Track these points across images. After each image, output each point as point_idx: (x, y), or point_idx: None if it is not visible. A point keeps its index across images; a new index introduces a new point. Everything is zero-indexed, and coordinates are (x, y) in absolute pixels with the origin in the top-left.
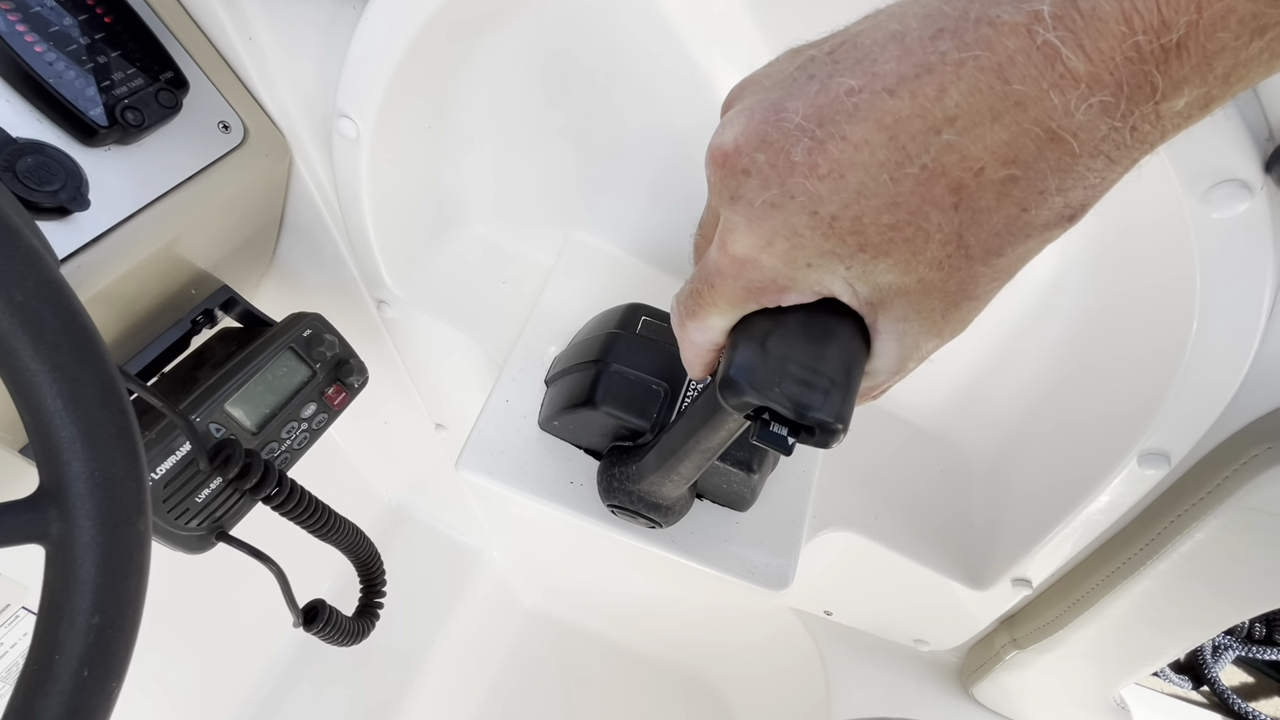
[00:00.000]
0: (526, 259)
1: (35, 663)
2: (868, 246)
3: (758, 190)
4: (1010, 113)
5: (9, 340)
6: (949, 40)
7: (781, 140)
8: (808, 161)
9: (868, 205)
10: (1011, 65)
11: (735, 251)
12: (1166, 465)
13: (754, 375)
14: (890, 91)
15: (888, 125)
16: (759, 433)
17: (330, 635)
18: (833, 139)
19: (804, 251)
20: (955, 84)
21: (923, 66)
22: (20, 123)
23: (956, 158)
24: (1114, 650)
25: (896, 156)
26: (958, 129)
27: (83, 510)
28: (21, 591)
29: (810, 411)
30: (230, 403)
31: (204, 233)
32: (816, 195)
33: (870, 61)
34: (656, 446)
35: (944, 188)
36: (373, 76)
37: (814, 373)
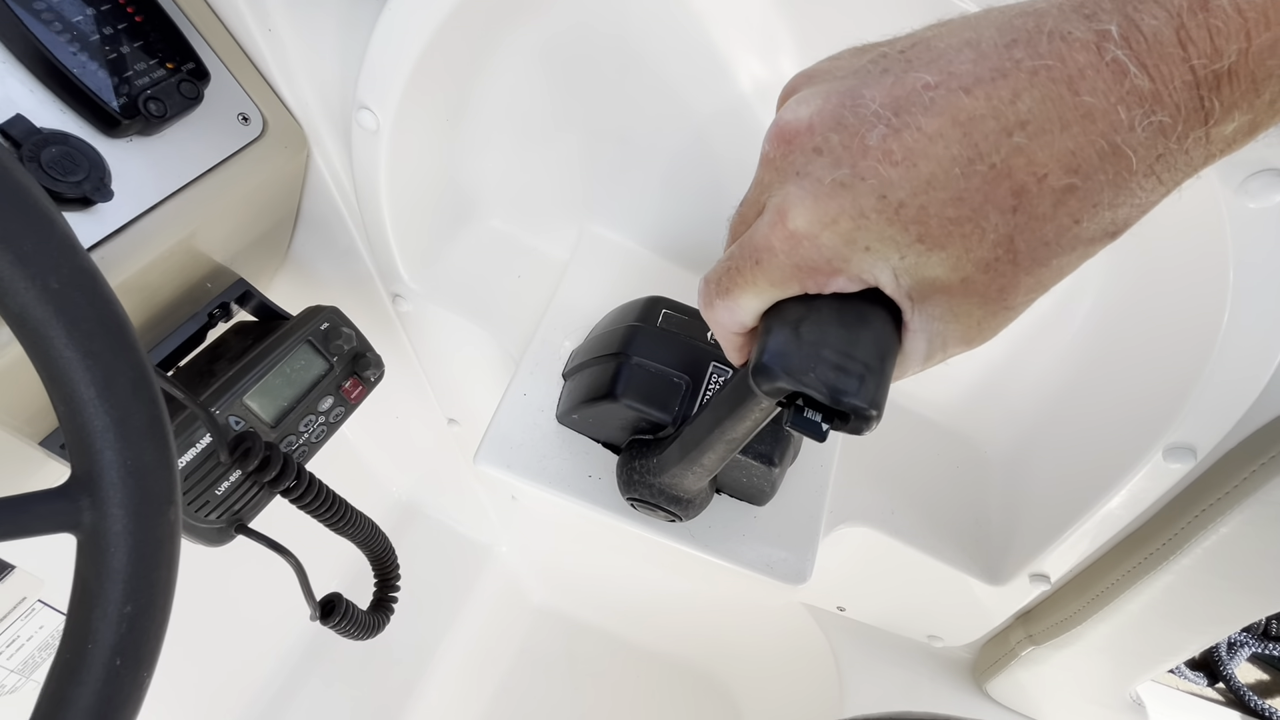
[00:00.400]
0: (541, 253)
1: (68, 651)
2: (926, 237)
3: (828, 168)
4: (1079, 123)
5: (44, 328)
6: (1023, 49)
7: (857, 124)
8: (882, 146)
9: (935, 196)
10: (1082, 78)
11: (794, 226)
12: (1192, 459)
13: (788, 360)
14: (966, 90)
15: (962, 121)
16: (792, 419)
17: (346, 629)
18: (908, 128)
19: (866, 234)
20: (1029, 90)
21: (998, 70)
22: (44, 113)
23: (1024, 161)
24: (1132, 646)
25: (969, 153)
26: (1028, 133)
27: (115, 499)
28: (38, 585)
29: (846, 397)
30: (249, 396)
31: (222, 225)
32: (888, 180)
33: (946, 61)
34: (679, 438)
35: (1007, 189)
36: (395, 68)
37: (849, 358)
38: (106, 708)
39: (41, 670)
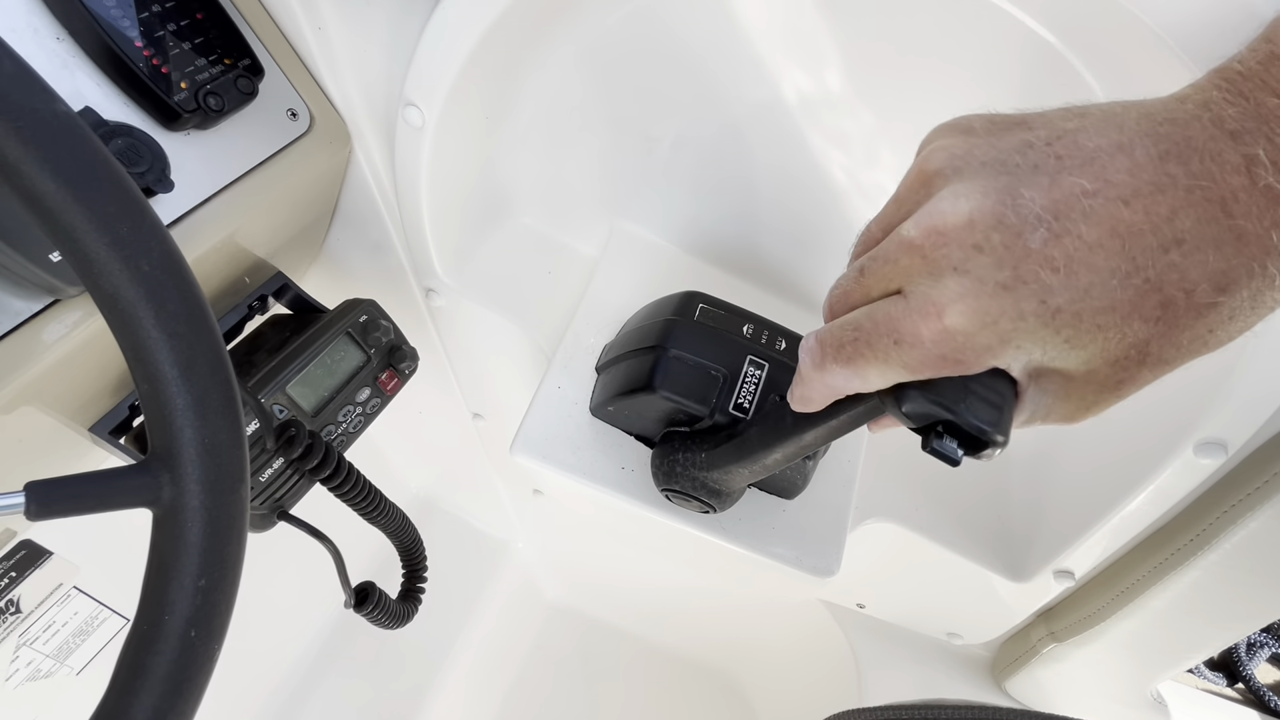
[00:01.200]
0: (572, 250)
1: (145, 622)
2: (1074, 340)
3: (990, 269)
4: (1232, 245)
5: (134, 309)
6: (1176, 165)
7: (1019, 225)
8: (1043, 252)
9: (1090, 304)
10: (1235, 201)
11: (951, 323)
12: (1224, 454)
13: (936, 387)
14: (1125, 202)
15: (1121, 234)
16: (932, 445)
17: (378, 617)
18: (1069, 235)
19: (1020, 335)
20: (1186, 209)
21: (1155, 185)
22: (110, 106)
23: (1177, 277)
24: (1156, 643)
25: (1126, 265)
26: (1184, 251)
27: (193, 476)
28: (74, 571)
29: (989, 428)
30: (291, 385)
31: (267, 219)
32: (1049, 285)
33: (1100, 167)
34: (742, 437)
35: (1156, 301)
36: (444, 66)
37: (993, 391)
38: (182, 676)
39: (76, 655)
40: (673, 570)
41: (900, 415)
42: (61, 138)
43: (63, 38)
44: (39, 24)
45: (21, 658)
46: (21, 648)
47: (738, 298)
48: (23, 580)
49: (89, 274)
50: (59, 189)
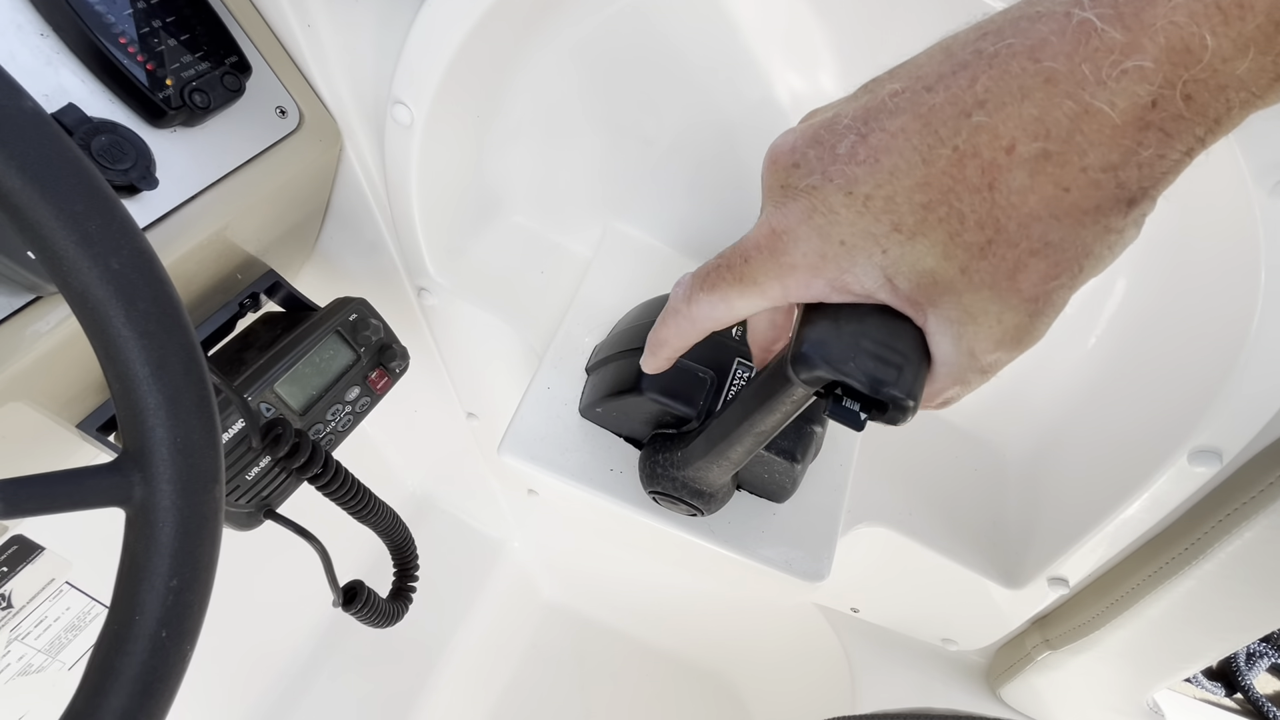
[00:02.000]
0: (565, 249)
1: (116, 622)
2: (902, 226)
3: (803, 177)
4: (1040, 89)
5: (104, 307)
6: (990, 39)
7: (830, 138)
8: (849, 152)
9: (900, 184)
10: (1044, 46)
11: (774, 225)
12: (1218, 463)
13: (829, 349)
14: (929, 88)
15: (923, 114)
16: (831, 408)
17: (367, 616)
18: (874, 132)
19: (838, 227)
20: (987, 72)
21: (960, 64)
22: (94, 102)
23: (987, 137)
24: (1151, 652)
25: (929, 140)
26: (987, 110)
27: (165, 475)
28: (66, 567)
29: (885, 387)
30: (279, 384)
31: (256, 216)
32: (852, 177)
33: (915, 67)
34: (706, 431)
35: (976, 168)
36: (431, 64)
37: (888, 349)
38: (152, 677)
39: (67, 651)
40: (668, 571)
41: (798, 381)
42: (28, 134)
43: (47, 34)
44: (23, 20)
45: (13, 652)
46: (13, 642)
47: None
48: (14, 575)
49: (58, 272)
50: (25, 186)
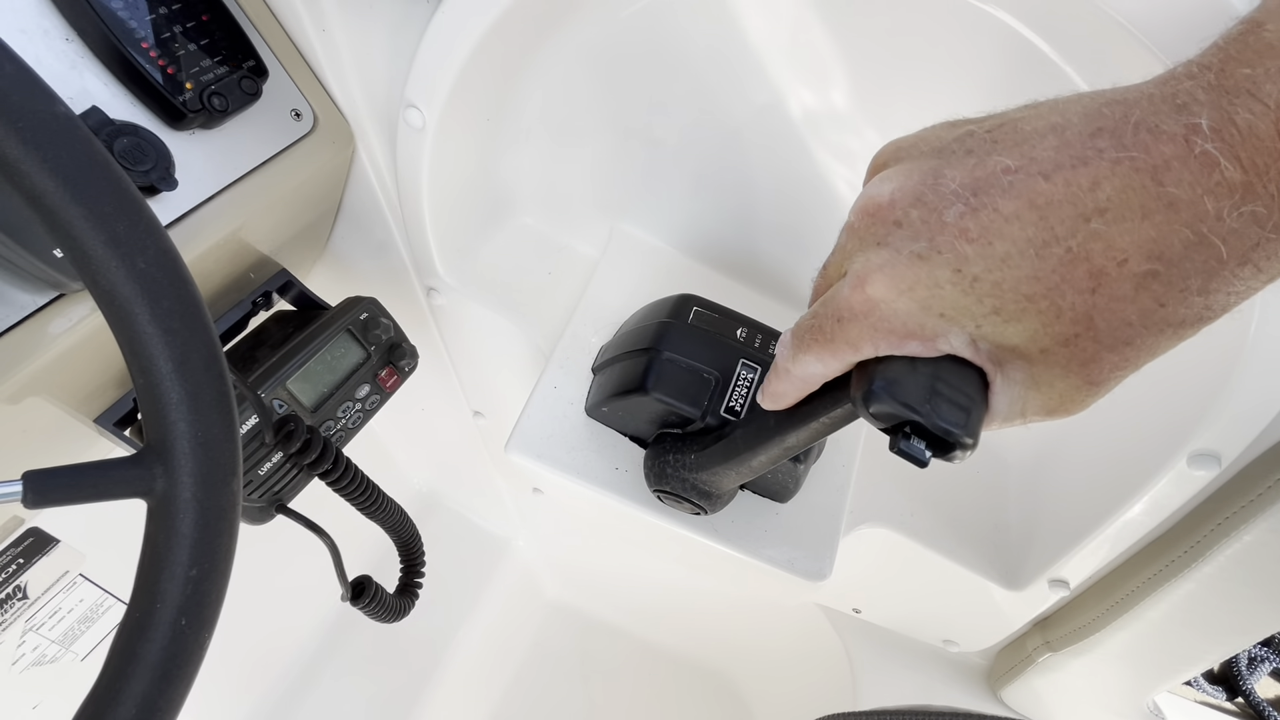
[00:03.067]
0: (572, 250)
1: (137, 610)
2: (1002, 310)
3: (907, 241)
4: (1161, 212)
5: (130, 305)
6: (1107, 139)
7: (936, 201)
8: (959, 224)
9: (1009, 274)
10: (1167, 170)
11: (871, 292)
12: (1217, 466)
13: (905, 390)
14: (1045, 176)
15: (1039, 205)
16: (899, 445)
17: (374, 611)
18: (985, 208)
19: (940, 302)
20: (1109, 179)
21: (1079, 158)
22: (116, 105)
23: (1102, 246)
24: (1151, 654)
25: (1044, 235)
26: (1106, 220)
27: (186, 468)
28: (80, 559)
29: (956, 430)
30: (292, 381)
31: (270, 216)
32: (963, 255)
33: (1029, 146)
34: (728, 439)
35: (1085, 272)
36: (444, 68)
37: (960, 393)
38: (171, 664)
39: (80, 642)
40: (671, 571)
41: (868, 416)
42: (60, 138)
43: (72, 39)
44: (49, 25)
45: (28, 643)
46: (28, 633)
47: (737, 301)
48: (30, 567)
49: (87, 270)
50: (58, 188)
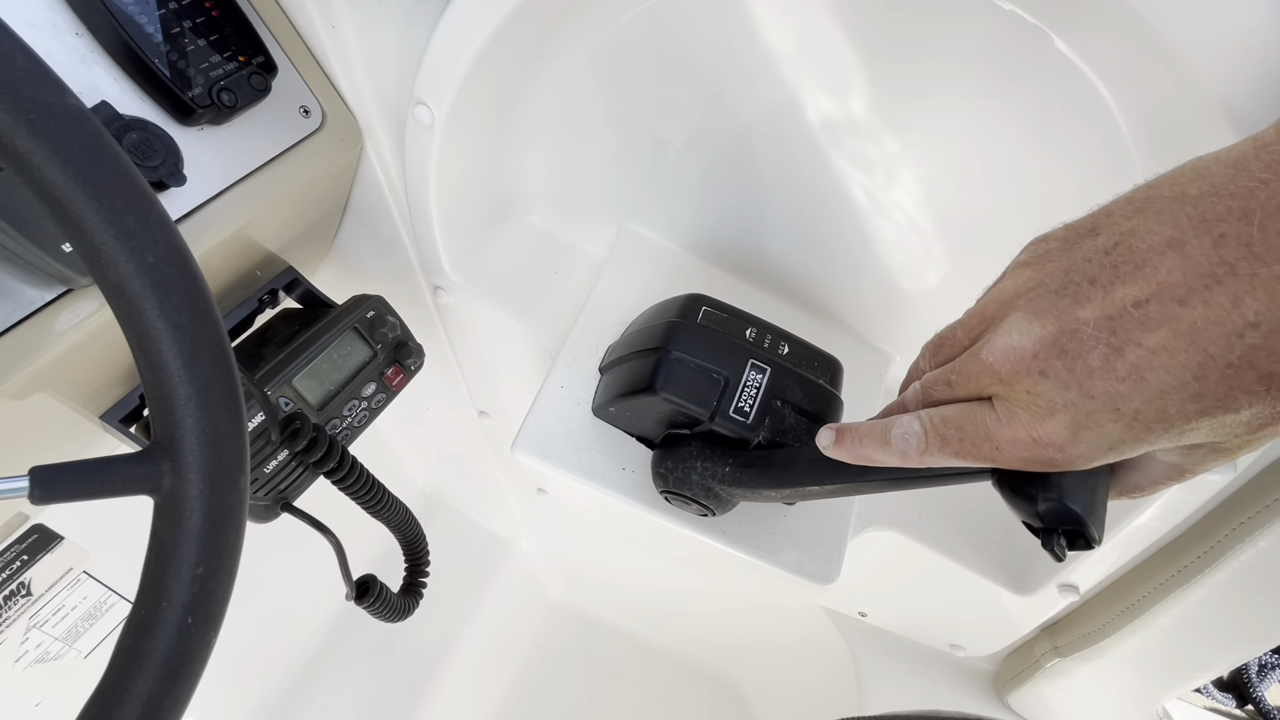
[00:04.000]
0: (579, 250)
1: (143, 607)
2: (1173, 427)
3: (1058, 391)
4: None
5: (139, 300)
6: (1233, 249)
7: (1076, 348)
8: (1104, 366)
9: (1172, 400)
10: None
11: (1034, 434)
12: (1232, 471)
13: (1092, 512)
14: (1181, 301)
15: (1184, 332)
16: (1051, 544)
17: (379, 610)
18: (1129, 345)
19: (1108, 440)
20: (1251, 294)
21: (1211, 278)
22: (126, 100)
23: (1265, 354)
24: (1162, 661)
25: (1198, 359)
26: (1262, 333)
27: (193, 465)
28: (84, 556)
29: (1100, 537)
30: (298, 379)
31: (278, 214)
32: (1118, 394)
33: (1151, 269)
34: (787, 468)
35: (1253, 377)
36: (453, 66)
37: (1104, 506)
38: (178, 662)
39: (84, 639)
40: (675, 572)
41: (1032, 513)
42: (71, 131)
43: (82, 33)
44: (59, 19)
45: (31, 639)
46: (31, 630)
47: (746, 301)
48: (34, 564)
49: (96, 264)
50: (68, 181)
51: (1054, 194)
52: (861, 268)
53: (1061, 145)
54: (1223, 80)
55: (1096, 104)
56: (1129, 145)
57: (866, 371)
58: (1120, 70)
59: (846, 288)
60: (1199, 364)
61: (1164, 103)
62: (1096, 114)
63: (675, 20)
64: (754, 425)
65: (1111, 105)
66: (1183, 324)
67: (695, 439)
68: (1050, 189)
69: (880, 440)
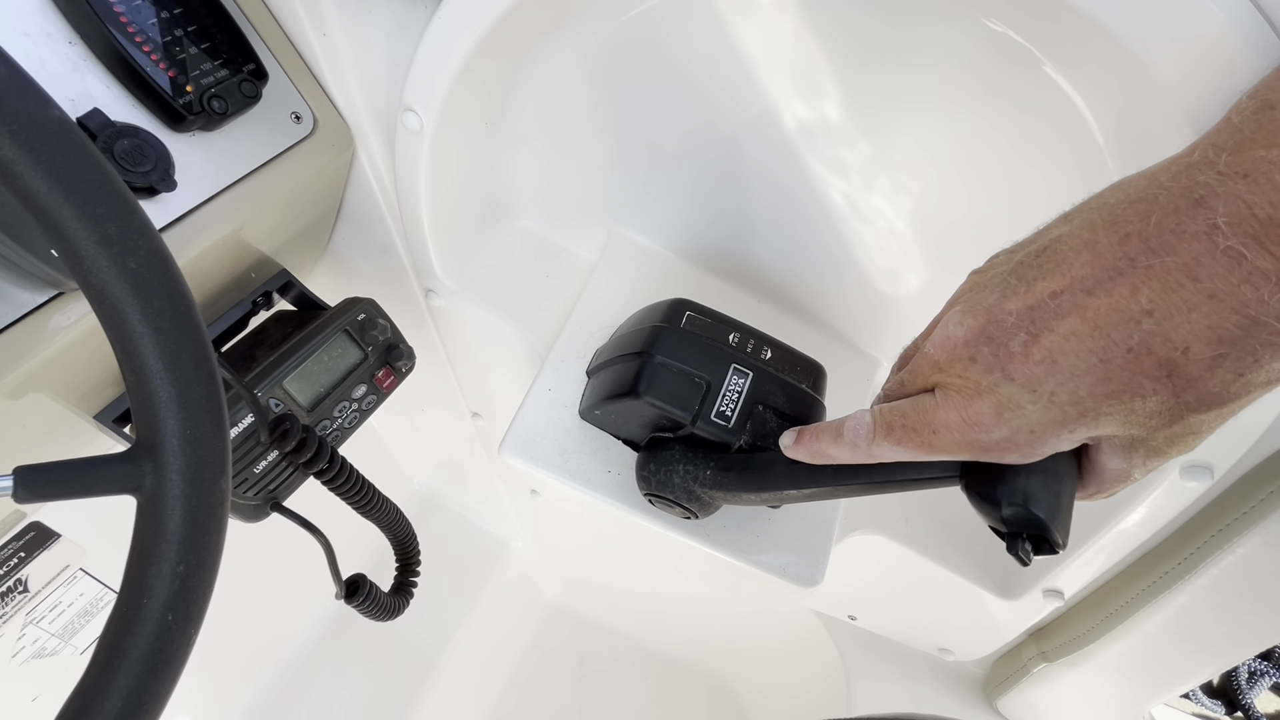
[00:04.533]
0: (570, 254)
1: (125, 604)
2: (1087, 413)
3: (983, 374)
4: (1205, 304)
5: (121, 304)
6: (1136, 245)
7: (1000, 335)
8: (1023, 351)
9: (1082, 382)
10: (1198, 266)
11: (964, 415)
12: (1210, 478)
13: (1045, 508)
14: (1088, 291)
15: (1090, 319)
16: (1016, 548)
17: (368, 609)
18: (1044, 332)
19: (1026, 420)
20: (1146, 284)
21: (1114, 270)
22: (117, 107)
23: (1160, 340)
24: (1147, 666)
25: (1103, 343)
26: (1156, 319)
27: (174, 466)
28: (81, 554)
29: (1064, 541)
30: (288, 380)
31: (270, 218)
32: (1034, 376)
33: (1068, 265)
34: (766, 472)
35: (1153, 363)
36: (440, 72)
37: (1068, 512)
38: (158, 658)
39: (80, 635)
40: (669, 575)
41: (997, 517)
42: (54, 141)
43: (75, 42)
44: (52, 28)
45: (28, 635)
46: (28, 626)
47: (734, 307)
48: (31, 561)
49: (79, 270)
50: (51, 189)
51: (1032, 200)
52: (847, 273)
53: (1039, 153)
54: (1187, 91)
55: (1072, 115)
56: (1105, 155)
57: (852, 375)
58: (1094, 84)
59: (833, 293)
60: (1104, 348)
61: (1137, 114)
62: (1072, 124)
63: (665, 26)
64: (735, 429)
65: (1087, 116)
66: (1089, 311)
67: (678, 442)
68: (1028, 195)
69: (834, 434)
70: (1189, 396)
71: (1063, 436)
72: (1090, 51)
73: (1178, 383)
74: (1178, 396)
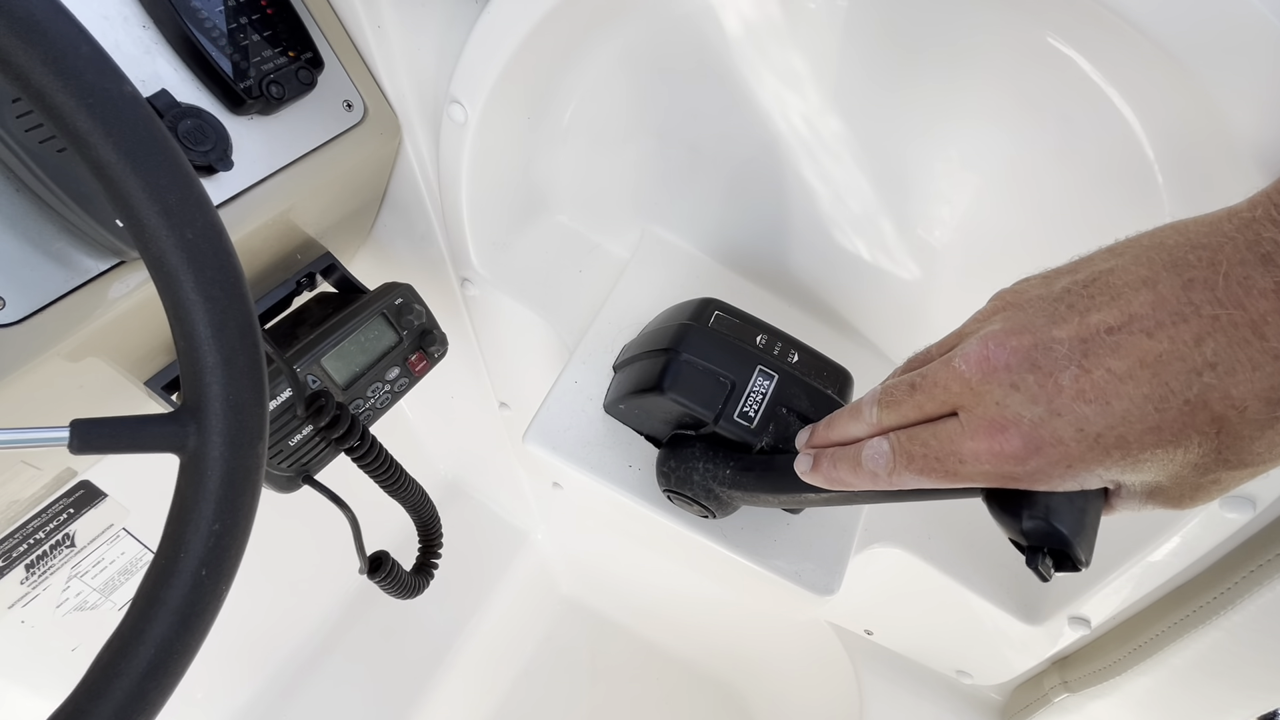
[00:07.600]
0: (603, 250)
1: (163, 557)
2: (1128, 457)
3: (1026, 405)
4: (1270, 364)
5: (176, 272)
6: (1201, 292)
7: (1048, 364)
8: (1074, 387)
9: (1133, 429)
10: (1265, 324)
11: (997, 448)
12: (1251, 510)
13: (1079, 534)
14: (1148, 334)
15: (1149, 363)
16: (1035, 562)
17: (390, 586)
18: (1097, 369)
19: (1067, 457)
20: (1212, 335)
21: (1178, 315)
22: (183, 89)
23: (1219, 396)
24: (1176, 703)
25: (1160, 391)
26: (1218, 374)
27: (216, 428)
28: (125, 514)
29: (1087, 559)
30: (326, 359)
31: (318, 201)
32: (1083, 416)
33: (1125, 302)
34: (784, 474)
35: (1206, 418)
36: (487, 66)
37: (1093, 529)
38: (190, 610)
39: (120, 593)
40: (686, 577)
41: (1017, 530)
42: (125, 115)
43: (148, 26)
44: (129, 12)
45: (72, 588)
46: (73, 579)
47: (764, 309)
48: (79, 517)
49: (140, 237)
50: (119, 160)
51: (1076, 214)
52: (878, 281)
53: (1084, 166)
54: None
55: (1121, 128)
56: (1155, 171)
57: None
58: (1144, 97)
59: (866, 301)
60: (1161, 396)
61: (1191, 135)
62: (1121, 138)
63: (708, 31)
64: (758, 430)
65: (1137, 129)
66: (1149, 355)
67: (699, 440)
68: (1072, 208)
69: (853, 464)
70: (1231, 454)
71: (1096, 474)
72: (1143, 66)
73: (1224, 439)
74: (1219, 453)
